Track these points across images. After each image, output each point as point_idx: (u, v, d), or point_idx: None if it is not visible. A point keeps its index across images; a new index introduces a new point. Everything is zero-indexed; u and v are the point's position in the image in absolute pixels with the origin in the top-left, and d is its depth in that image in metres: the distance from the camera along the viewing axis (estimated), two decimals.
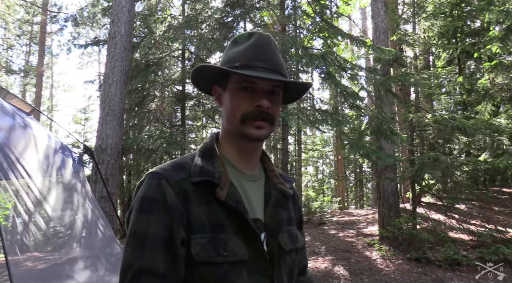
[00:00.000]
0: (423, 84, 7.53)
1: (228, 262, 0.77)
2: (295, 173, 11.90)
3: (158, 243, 0.74)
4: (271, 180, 0.95)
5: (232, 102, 0.87)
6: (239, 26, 9.68)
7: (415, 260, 6.43)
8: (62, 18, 19.45)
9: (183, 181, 0.80)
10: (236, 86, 0.86)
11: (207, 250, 0.76)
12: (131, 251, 0.75)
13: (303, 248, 1.04)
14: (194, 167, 0.82)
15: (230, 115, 0.87)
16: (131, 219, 0.78)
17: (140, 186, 0.82)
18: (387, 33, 8.91)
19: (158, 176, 0.79)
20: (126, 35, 6.64)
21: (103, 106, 6.41)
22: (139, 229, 0.76)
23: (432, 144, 8.78)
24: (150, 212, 0.76)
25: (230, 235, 0.79)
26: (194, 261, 0.76)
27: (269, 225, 0.87)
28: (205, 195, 0.80)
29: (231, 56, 0.88)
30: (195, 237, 0.77)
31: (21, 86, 22.46)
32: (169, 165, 0.84)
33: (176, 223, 0.76)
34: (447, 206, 7.70)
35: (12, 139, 2.38)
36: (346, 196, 20.57)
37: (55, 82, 29.22)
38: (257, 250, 0.82)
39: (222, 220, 0.79)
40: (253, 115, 0.84)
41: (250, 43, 0.88)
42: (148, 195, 0.78)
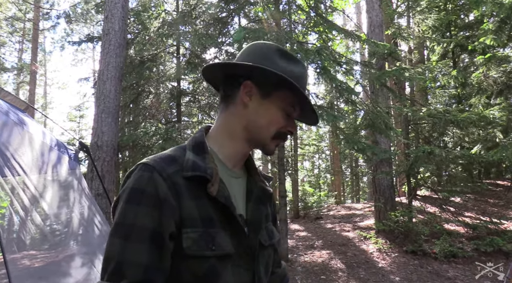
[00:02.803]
0: (418, 78, 7.56)
1: (216, 256, 0.79)
2: (292, 168, 11.90)
3: (144, 235, 0.73)
4: (253, 177, 0.98)
5: (274, 117, 0.89)
6: (234, 22, 9.65)
7: (411, 252, 6.49)
8: (55, 15, 19.33)
9: (175, 174, 0.79)
10: (284, 104, 0.89)
11: (198, 244, 0.77)
12: (115, 241, 0.74)
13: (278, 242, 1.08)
14: (187, 162, 0.82)
15: (265, 127, 0.89)
16: (118, 209, 0.77)
17: (129, 176, 0.80)
18: (382, 27, 8.92)
19: (150, 168, 0.78)
20: (120, 32, 6.60)
21: (98, 104, 6.37)
22: (126, 220, 0.75)
23: (427, 137, 8.85)
24: (139, 203, 0.75)
25: (218, 230, 0.81)
26: (184, 254, 0.76)
27: (251, 221, 0.90)
28: (196, 189, 0.80)
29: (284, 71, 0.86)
30: (187, 231, 0.77)
31: (14, 84, 22.28)
32: (161, 157, 0.83)
33: (167, 216, 0.75)
34: (442, 199, 7.77)
35: (7, 136, 2.37)
36: (343, 190, 20.65)
37: (49, 80, 29.01)
38: (241, 245, 0.85)
39: (211, 215, 0.80)
40: (283, 136, 0.92)
41: (302, 73, 0.91)
42: (138, 186, 0.77)
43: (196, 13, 8.38)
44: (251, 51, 0.92)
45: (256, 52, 0.91)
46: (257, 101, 0.89)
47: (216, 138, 0.92)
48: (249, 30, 6.53)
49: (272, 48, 0.91)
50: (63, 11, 19.04)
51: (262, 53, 0.90)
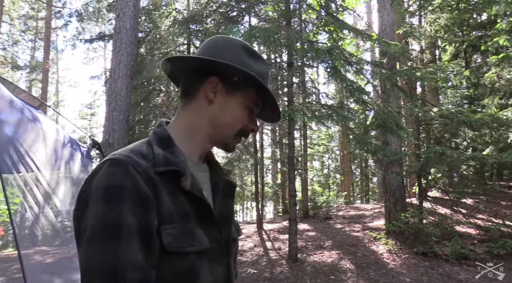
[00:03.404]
0: (429, 78, 7.48)
1: (196, 252, 0.76)
2: (301, 167, 11.88)
3: (134, 235, 0.67)
4: (216, 171, 0.97)
5: (238, 114, 0.88)
6: (244, 20, 9.65)
7: (421, 254, 6.43)
8: (67, 13, 19.45)
9: (148, 169, 0.74)
10: (248, 103, 0.89)
11: (179, 240, 0.74)
12: (100, 247, 0.66)
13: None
14: (158, 156, 0.78)
15: (229, 124, 0.88)
16: (92, 213, 0.68)
17: (94, 176, 0.72)
18: (393, 26, 8.84)
19: (123, 163, 0.72)
20: (132, 30, 6.64)
21: (109, 101, 6.43)
22: (108, 221, 0.67)
23: (438, 138, 8.74)
24: (120, 201, 0.68)
25: (195, 225, 0.78)
26: (165, 251, 0.72)
27: (220, 215, 0.88)
28: (170, 184, 0.77)
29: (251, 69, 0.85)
30: (165, 227, 0.73)
31: (27, 82, 22.57)
32: (129, 151, 0.77)
33: (150, 213, 0.71)
34: (453, 200, 7.68)
35: (21, 133, 2.40)
36: (352, 190, 20.55)
37: (60, 78, 29.38)
38: (215, 239, 0.83)
39: (187, 210, 0.78)
40: (245, 134, 0.92)
41: (263, 69, 0.91)
42: (115, 183, 0.69)
43: (206, 12, 8.39)
44: (217, 46, 0.88)
45: (224, 48, 0.88)
46: (222, 98, 0.87)
47: (176, 134, 0.87)
48: (259, 29, 6.52)
49: (239, 45, 0.89)
50: (75, 9, 19.25)
51: (231, 50, 0.87)
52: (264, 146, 15.22)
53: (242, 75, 0.84)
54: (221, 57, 0.84)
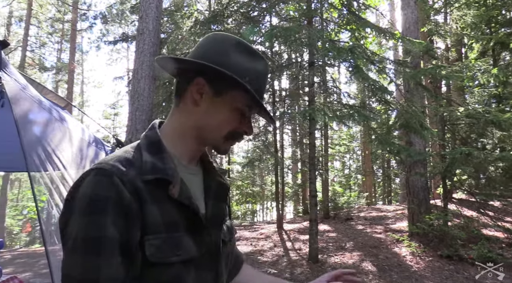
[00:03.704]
0: (455, 77, 7.28)
1: (181, 261, 0.75)
2: (322, 167, 11.79)
3: (115, 247, 0.67)
4: (209, 172, 0.94)
5: (225, 117, 0.83)
6: (265, 20, 9.65)
7: (446, 257, 6.27)
8: (92, 15, 19.98)
9: (135, 178, 0.73)
10: (237, 105, 0.83)
11: (163, 251, 0.73)
12: (80, 260, 0.66)
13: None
14: (145, 164, 0.76)
15: (217, 127, 0.84)
16: (76, 222, 0.68)
17: (80, 183, 0.71)
18: (417, 24, 8.66)
19: (108, 172, 0.71)
20: (154, 31, 6.74)
21: (132, 102, 6.55)
22: (90, 233, 0.67)
23: (464, 138, 8.51)
24: (102, 212, 0.68)
25: (183, 233, 0.77)
26: (148, 262, 0.72)
27: (211, 218, 0.87)
28: (157, 193, 0.75)
29: (239, 68, 0.81)
30: (149, 238, 0.72)
31: (53, 83, 23.25)
32: (115, 159, 0.75)
33: (133, 224, 0.70)
34: (480, 203, 7.46)
35: (49, 132, 2.46)
36: (374, 191, 20.26)
37: (85, 79, 30.11)
38: (205, 245, 0.82)
39: (175, 218, 0.76)
40: (236, 136, 0.87)
41: (260, 68, 0.85)
42: (98, 193, 0.69)
43: (228, 12, 8.43)
44: (208, 45, 0.85)
45: (212, 46, 0.84)
46: (209, 100, 0.83)
47: (168, 135, 0.86)
48: (280, 29, 6.50)
49: (231, 42, 0.84)
50: (100, 12, 19.69)
51: (219, 48, 0.83)
52: (284, 145, 15.19)
53: (226, 77, 0.79)
54: (210, 56, 0.81)
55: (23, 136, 2.01)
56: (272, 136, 10.68)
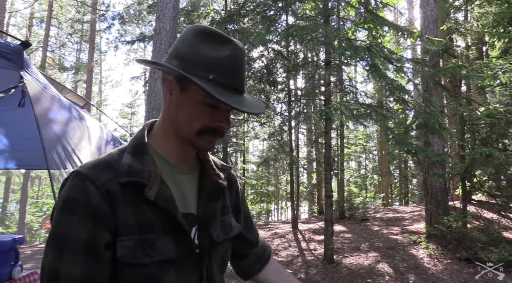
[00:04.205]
0: (476, 76, 7.11)
1: (155, 262, 0.76)
2: (338, 167, 11.69)
3: (78, 247, 0.72)
4: (206, 172, 0.94)
5: (193, 112, 0.82)
6: (281, 19, 9.61)
7: (465, 260, 6.14)
8: (110, 16, 20.25)
9: (109, 181, 0.76)
10: (200, 98, 0.81)
11: (134, 252, 0.75)
12: (50, 254, 0.72)
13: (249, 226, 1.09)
14: (123, 166, 0.79)
15: (186, 123, 0.83)
16: (53, 219, 0.75)
17: (64, 184, 0.78)
18: (437, 22, 8.51)
19: (83, 176, 0.75)
20: (171, 31, 6.79)
21: (149, 101, 6.61)
22: (59, 231, 0.73)
23: (484, 139, 8.31)
24: (71, 213, 0.73)
25: (159, 235, 0.78)
26: (119, 263, 0.74)
27: (201, 218, 0.87)
28: (133, 195, 0.77)
29: (201, 59, 0.79)
30: (121, 239, 0.75)
31: (73, 83, 23.70)
32: (95, 163, 0.79)
33: (100, 226, 0.73)
34: (501, 205, 7.27)
35: (68, 131, 2.51)
36: (390, 192, 20.00)
37: (103, 78, 30.61)
38: (186, 247, 0.82)
39: (151, 220, 0.77)
40: (210, 132, 0.84)
41: (227, 55, 0.80)
42: (70, 196, 0.74)
43: (243, 12, 8.43)
44: (180, 38, 0.84)
45: (183, 39, 0.83)
46: (177, 96, 0.83)
47: (155, 135, 0.88)
48: (297, 28, 6.46)
49: (198, 33, 0.82)
50: (118, 12, 19.95)
51: (187, 40, 0.82)
52: (300, 145, 15.12)
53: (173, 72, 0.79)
54: (180, 50, 0.82)
55: (43, 135, 2.05)
56: (287, 136, 10.64)
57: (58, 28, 22.04)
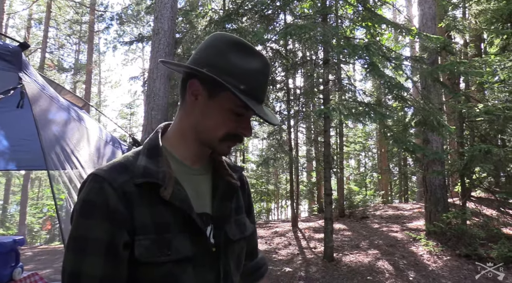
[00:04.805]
0: (474, 73, 7.12)
1: (172, 261, 0.78)
2: (337, 166, 11.70)
3: (99, 248, 0.74)
4: (219, 172, 0.96)
5: (220, 119, 0.85)
6: (279, 18, 9.62)
7: (465, 256, 6.16)
8: (108, 17, 20.29)
9: (126, 183, 0.78)
10: (230, 106, 0.83)
11: (151, 251, 0.77)
12: (70, 255, 0.75)
13: (252, 234, 1.07)
14: (138, 168, 0.81)
15: (212, 129, 0.85)
16: (73, 222, 0.78)
17: (82, 187, 0.80)
18: (435, 19, 8.51)
19: (100, 179, 0.78)
20: (169, 31, 6.80)
21: (148, 101, 6.62)
22: (79, 233, 0.76)
23: (483, 136, 8.33)
24: (90, 216, 0.75)
25: (175, 234, 0.80)
26: (137, 262, 0.77)
27: (216, 217, 0.89)
28: (149, 195, 0.79)
29: (234, 69, 0.81)
30: (139, 239, 0.77)
31: (71, 84, 23.69)
32: (111, 166, 0.82)
33: (119, 227, 0.76)
34: (500, 201, 7.30)
35: (67, 132, 2.52)
36: (390, 189, 20.01)
37: (102, 79, 30.60)
38: (202, 245, 0.84)
39: (167, 220, 0.80)
40: (234, 138, 0.87)
41: (257, 67, 0.84)
42: (89, 198, 0.77)
43: (242, 11, 8.43)
44: (208, 45, 0.86)
45: (211, 46, 0.85)
46: (204, 101, 0.85)
47: (171, 138, 0.91)
48: (295, 26, 6.47)
49: (228, 42, 0.84)
50: (116, 13, 19.95)
51: (216, 48, 0.84)
52: (299, 144, 15.13)
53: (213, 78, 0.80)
54: (208, 56, 0.83)
55: (42, 136, 2.06)
56: (286, 135, 10.65)
57: (57, 29, 22.01)
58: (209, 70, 0.81)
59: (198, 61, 0.84)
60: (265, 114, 0.84)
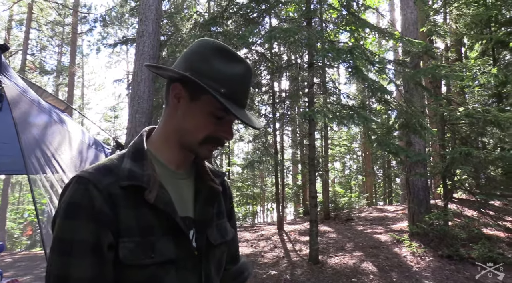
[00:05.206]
0: (455, 77, 7.28)
1: (156, 263, 0.78)
2: (322, 168, 11.78)
3: (85, 249, 0.74)
4: (202, 177, 0.97)
5: (200, 122, 0.85)
6: (265, 22, 9.66)
7: (447, 257, 6.27)
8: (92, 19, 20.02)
9: (111, 185, 0.78)
10: (211, 109, 0.84)
11: (135, 253, 0.77)
12: (56, 258, 0.74)
13: (233, 238, 1.07)
14: (123, 171, 0.81)
15: (192, 132, 0.86)
16: (56, 225, 0.76)
17: (65, 190, 0.79)
18: (417, 24, 8.67)
19: (85, 180, 0.77)
20: (154, 34, 6.76)
21: (132, 104, 6.56)
22: (65, 235, 0.75)
23: (464, 138, 8.50)
24: (76, 217, 0.75)
25: (159, 236, 0.80)
26: (121, 264, 0.76)
27: (198, 221, 0.90)
28: (134, 198, 0.79)
29: (215, 74, 0.83)
30: (123, 241, 0.77)
31: (54, 86, 23.27)
32: (96, 168, 0.81)
33: (104, 228, 0.75)
34: (481, 202, 7.45)
35: (48, 135, 2.47)
36: (374, 191, 20.24)
37: (86, 82, 30.16)
38: (185, 248, 0.84)
39: (151, 222, 0.80)
40: (214, 141, 0.88)
41: (238, 72, 0.85)
42: (74, 200, 0.76)
43: (227, 14, 8.45)
44: (193, 51, 0.87)
45: (196, 52, 0.86)
46: (185, 104, 0.86)
47: (155, 142, 0.91)
48: (279, 30, 6.51)
49: (212, 48, 0.86)
50: (100, 15, 19.72)
51: (200, 54, 0.86)
52: (284, 147, 15.18)
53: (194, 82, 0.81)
54: (192, 61, 0.85)
55: (22, 139, 2.02)
56: (272, 138, 10.68)
57: (39, 31, 21.60)
58: (192, 74, 0.82)
59: (182, 66, 0.86)
60: (247, 118, 0.85)
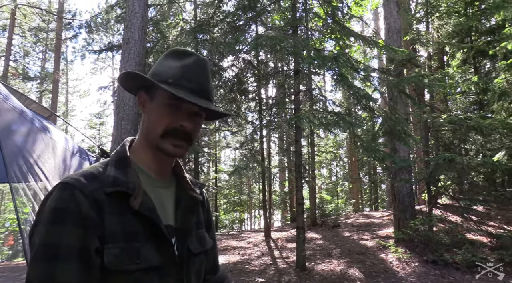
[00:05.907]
0: (438, 85, 7.43)
1: (140, 269, 0.79)
2: (309, 175, 11.82)
3: (72, 254, 0.73)
4: (182, 186, 0.98)
5: (157, 116, 0.88)
6: (251, 29, 9.72)
7: (431, 262, 6.34)
8: (77, 25, 19.82)
9: (96, 191, 0.79)
10: (164, 101, 0.87)
11: (120, 259, 0.77)
12: (41, 264, 0.72)
13: (212, 249, 1.09)
14: (107, 177, 0.82)
15: (152, 128, 0.88)
16: (39, 232, 0.75)
17: (48, 197, 0.79)
18: (400, 33, 8.84)
19: (70, 186, 0.77)
20: (140, 41, 6.73)
21: (117, 111, 6.50)
22: (50, 241, 0.73)
23: (447, 145, 8.66)
24: (63, 223, 0.74)
25: (143, 243, 0.81)
26: (107, 269, 0.76)
27: (179, 230, 0.91)
28: (119, 204, 0.80)
29: (165, 69, 0.88)
30: (108, 247, 0.77)
31: (37, 93, 22.90)
32: (81, 174, 0.81)
33: (90, 233, 0.75)
34: (464, 208, 7.58)
35: (30, 143, 2.43)
36: (361, 198, 20.39)
37: (70, 88, 29.78)
38: (168, 255, 0.85)
39: (136, 229, 0.80)
40: (173, 133, 0.87)
41: (186, 63, 0.88)
42: (60, 206, 0.75)
43: (213, 22, 8.47)
44: (157, 61, 0.94)
45: (158, 61, 0.93)
46: (148, 107, 0.91)
47: (136, 150, 0.93)
48: (266, 38, 6.56)
49: (166, 53, 0.93)
50: (85, 21, 19.54)
51: (158, 60, 0.93)
52: (271, 153, 15.21)
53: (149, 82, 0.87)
54: (152, 69, 0.92)
55: (4, 147, 1.99)
56: (259, 145, 10.70)
57: (22, 37, 21.30)
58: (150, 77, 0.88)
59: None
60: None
